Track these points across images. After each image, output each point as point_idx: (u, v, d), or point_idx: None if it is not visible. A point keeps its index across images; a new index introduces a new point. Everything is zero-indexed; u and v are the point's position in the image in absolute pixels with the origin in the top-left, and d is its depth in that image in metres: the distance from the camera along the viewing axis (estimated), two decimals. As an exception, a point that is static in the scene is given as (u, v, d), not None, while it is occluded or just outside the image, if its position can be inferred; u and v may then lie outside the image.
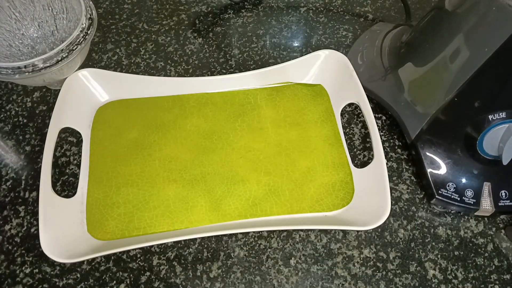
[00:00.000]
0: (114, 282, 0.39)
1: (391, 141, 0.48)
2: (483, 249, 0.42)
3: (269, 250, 0.41)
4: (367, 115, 0.44)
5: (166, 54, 0.55)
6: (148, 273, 0.40)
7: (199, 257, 0.41)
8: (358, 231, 0.42)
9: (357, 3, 0.61)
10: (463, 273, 0.40)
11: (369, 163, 0.42)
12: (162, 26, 0.58)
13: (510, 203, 0.41)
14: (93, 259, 0.40)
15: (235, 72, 0.51)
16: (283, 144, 0.46)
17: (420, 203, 0.44)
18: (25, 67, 0.42)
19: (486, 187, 0.41)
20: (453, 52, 0.40)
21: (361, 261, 0.41)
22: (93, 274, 0.40)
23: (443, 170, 0.42)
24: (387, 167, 0.41)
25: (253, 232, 0.42)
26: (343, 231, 0.42)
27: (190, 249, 0.41)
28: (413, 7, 0.59)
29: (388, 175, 0.40)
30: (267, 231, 0.42)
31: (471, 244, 0.42)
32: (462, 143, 0.41)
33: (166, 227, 0.41)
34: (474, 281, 0.40)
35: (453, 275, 0.40)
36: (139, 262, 0.40)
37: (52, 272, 0.40)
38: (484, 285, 0.40)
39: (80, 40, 0.44)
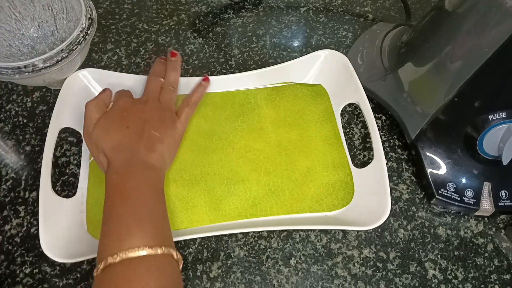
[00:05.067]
0: (114, 282, 0.39)
1: (391, 141, 0.48)
2: (483, 249, 0.42)
3: (269, 250, 0.41)
4: (367, 115, 0.44)
5: (166, 54, 0.55)
6: (148, 273, 0.40)
7: (199, 257, 0.41)
8: (358, 231, 0.42)
9: (357, 3, 0.61)
10: (463, 273, 0.40)
11: (369, 163, 0.42)
12: (162, 26, 0.58)
13: (510, 203, 0.41)
14: (93, 259, 0.40)
15: (235, 72, 0.51)
16: (283, 144, 0.46)
17: (420, 203, 0.44)
18: (25, 67, 0.42)
19: (486, 187, 0.41)
20: (453, 52, 0.40)
21: (361, 261, 0.41)
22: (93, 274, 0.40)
23: (443, 170, 0.42)
24: (387, 167, 0.41)
25: (253, 232, 0.42)
26: (343, 231, 0.42)
27: (190, 249, 0.41)
28: (413, 7, 0.59)
29: (388, 175, 0.40)
30: (267, 231, 0.42)
31: (471, 244, 0.42)
32: (462, 143, 0.41)
33: (166, 227, 0.41)
34: (474, 281, 0.40)
35: (453, 275, 0.40)
36: (139, 262, 0.40)
37: (52, 272, 0.40)
38: (484, 285, 0.40)
39: (80, 40, 0.44)
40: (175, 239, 0.38)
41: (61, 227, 0.38)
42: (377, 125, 0.43)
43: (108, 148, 0.37)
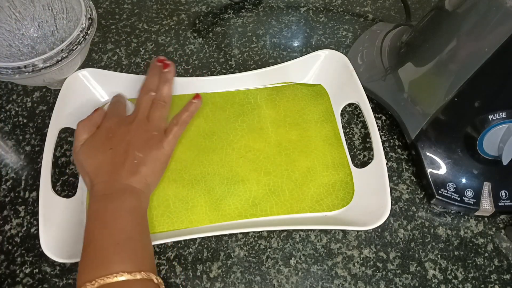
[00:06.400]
0: (114, 282, 0.39)
1: (391, 141, 0.48)
2: (483, 249, 0.42)
3: (269, 250, 0.41)
4: (367, 115, 0.44)
5: (166, 54, 0.55)
6: (148, 273, 0.40)
7: (199, 257, 0.41)
8: (358, 231, 0.42)
9: (357, 3, 0.61)
10: (463, 273, 0.40)
11: (369, 163, 0.42)
12: (162, 26, 0.58)
13: (510, 203, 0.41)
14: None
15: (235, 72, 0.51)
16: (283, 144, 0.46)
17: (420, 203, 0.44)
18: (25, 67, 0.42)
19: (486, 187, 0.41)
20: (453, 52, 0.40)
21: (361, 261, 0.41)
22: None
23: (443, 170, 0.42)
24: (387, 167, 0.41)
25: (253, 232, 0.42)
26: (343, 231, 0.42)
27: (190, 249, 0.41)
28: (413, 7, 0.59)
29: (388, 175, 0.40)
30: (267, 231, 0.42)
31: (471, 244, 0.42)
32: (462, 143, 0.41)
33: (166, 227, 0.41)
34: (474, 281, 0.40)
35: (453, 275, 0.40)
36: (139, 262, 0.40)
37: (52, 272, 0.40)
38: (484, 285, 0.40)
39: (80, 40, 0.44)
40: (175, 239, 0.38)
41: (61, 227, 0.38)
42: (377, 125, 0.43)
43: (91, 170, 0.37)
